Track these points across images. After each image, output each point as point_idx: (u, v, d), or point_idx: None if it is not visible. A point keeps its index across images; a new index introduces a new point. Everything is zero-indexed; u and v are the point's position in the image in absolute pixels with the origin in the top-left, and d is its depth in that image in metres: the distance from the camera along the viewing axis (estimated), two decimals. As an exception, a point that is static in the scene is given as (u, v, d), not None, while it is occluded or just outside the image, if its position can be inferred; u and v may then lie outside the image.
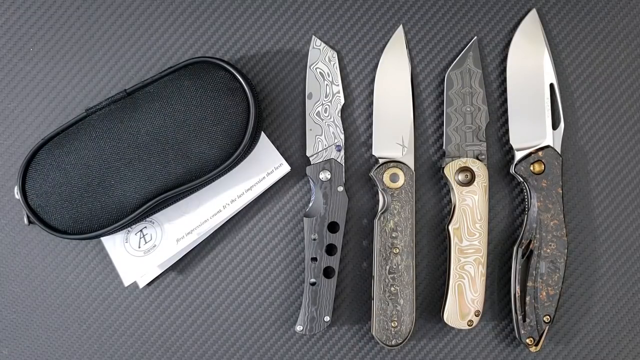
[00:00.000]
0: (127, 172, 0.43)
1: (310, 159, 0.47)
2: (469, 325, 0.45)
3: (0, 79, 0.48)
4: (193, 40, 0.48)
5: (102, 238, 0.46)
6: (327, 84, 0.47)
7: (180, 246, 0.46)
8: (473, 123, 0.47)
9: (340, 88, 0.47)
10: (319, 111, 0.47)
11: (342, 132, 0.47)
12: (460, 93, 0.47)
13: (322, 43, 0.48)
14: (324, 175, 0.45)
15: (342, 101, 0.47)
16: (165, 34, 0.48)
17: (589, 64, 0.49)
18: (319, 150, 0.46)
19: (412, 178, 0.46)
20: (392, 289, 0.45)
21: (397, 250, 0.45)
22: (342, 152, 0.46)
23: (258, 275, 0.48)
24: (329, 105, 0.47)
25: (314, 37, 0.48)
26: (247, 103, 0.43)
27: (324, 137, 0.47)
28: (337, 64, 0.47)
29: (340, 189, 0.46)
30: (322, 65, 0.48)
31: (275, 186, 0.48)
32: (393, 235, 0.45)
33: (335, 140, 0.46)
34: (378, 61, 0.48)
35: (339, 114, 0.47)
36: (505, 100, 0.48)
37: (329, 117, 0.47)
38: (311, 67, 0.48)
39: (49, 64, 0.48)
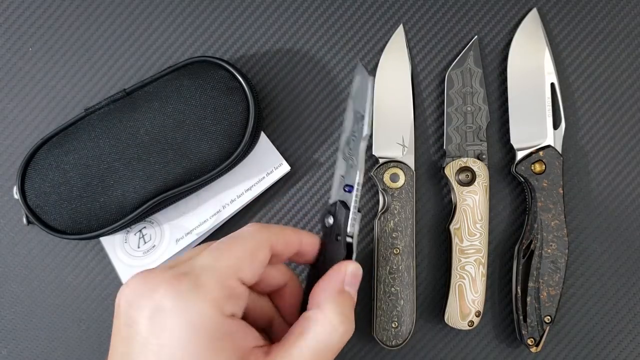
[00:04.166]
0: (126, 172, 0.43)
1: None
2: (469, 326, 0.45)
3: (0, 78, 0.48)
4: (193, 40, 0.48)
5: (101, 238, 0.46)
6: (359, 117, 0.35)
7: (179, 246, 0.46)
8: (474, 123, 0.47)
9: (367, 118, 0.34)
10: (350, 147, 0.35)
11: (361, 170, 0.34)
12: (460, 93, 0.47)
13: (364, 69, 0.35)
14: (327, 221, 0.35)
15: (366, 132, 0.33)
16: (165, 33, 0.48)
17: (590, 63, 0.48)
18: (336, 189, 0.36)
19: (413, 178, 0.46)
20: (393, 289, 0.45)
21: (398, 251, 0.45)
22: (355, 193, 0.34)
23: (258, 275, 0.48)
24: (354, 139, 0.35)
25: (360, 63, 0.36)
26: (247, 103, 0.43)
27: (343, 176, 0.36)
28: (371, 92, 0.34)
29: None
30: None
31: (275, 186, 0.48)
32: (393, 235, 0.45)
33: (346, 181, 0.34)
34: (378, 61, 0.48)
35: (364, 150, 0.34)
36: (506, 100, 0.48)
37: (354, 153, 0.35)
38: (352, 97, 0.36)
39: (48, 63, 0.48)
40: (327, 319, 0.30)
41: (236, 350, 0.29)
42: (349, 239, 0.33)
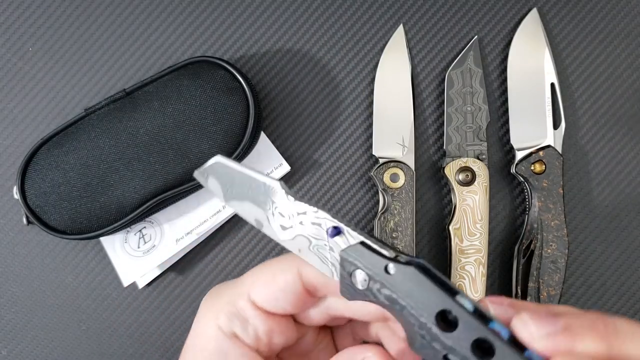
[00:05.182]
0: (126, 172, 0.43)
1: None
2: (469, 326, 0.45)
3: (0, 78, 0.48)
4: (193, 40, 0.48)
5: (101, 238, 0.46)
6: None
7: (179, 246, 0.46)
8: (474, 123, 0.47)
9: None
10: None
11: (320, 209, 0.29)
12: (460, 93, 0.47)
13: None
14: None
15: (271, 182, 0.30)
16: (165, 33, 0.48)
17: (590, 63, 0.48)
18: None
19: (413, 178, 0.46)
20: (393, 289, 0.45)
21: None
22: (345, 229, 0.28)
23: (258, 275, 0.48)
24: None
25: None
26: (247, 102, 0.43)
27: None
28: None
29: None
30: None
31: (275, 186, 0.48)
32: (393, 235, 0.45)
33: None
34: (378, 61, 0.48)
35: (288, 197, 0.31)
36: (506, 100, 0.48)
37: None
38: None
39: (48, 63, 0.48)
40: None
41: None
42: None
